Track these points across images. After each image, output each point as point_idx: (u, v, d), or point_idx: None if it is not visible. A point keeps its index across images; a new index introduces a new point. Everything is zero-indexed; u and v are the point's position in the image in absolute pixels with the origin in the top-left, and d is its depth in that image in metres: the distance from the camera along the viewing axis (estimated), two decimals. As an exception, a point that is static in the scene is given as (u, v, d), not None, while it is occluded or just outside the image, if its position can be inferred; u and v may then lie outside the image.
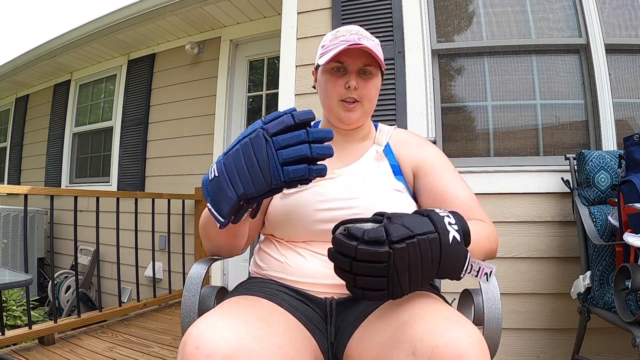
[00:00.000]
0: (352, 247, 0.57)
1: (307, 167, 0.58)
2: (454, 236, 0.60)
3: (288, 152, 0.58)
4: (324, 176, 0.61)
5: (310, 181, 0.61)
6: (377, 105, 0.93)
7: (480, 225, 0.79)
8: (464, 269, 0.61)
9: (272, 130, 0.58)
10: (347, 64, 0.85)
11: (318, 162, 0.61)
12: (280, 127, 0.58)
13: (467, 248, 0.63)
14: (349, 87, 0.85)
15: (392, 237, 0.56)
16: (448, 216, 0.62)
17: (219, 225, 0.64)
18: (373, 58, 0.85)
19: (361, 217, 0.63)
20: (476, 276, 0.63)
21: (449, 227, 0.60)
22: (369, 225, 0.60)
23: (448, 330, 0.55)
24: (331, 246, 0.61)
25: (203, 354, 0.53)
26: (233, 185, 0.60)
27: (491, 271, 0.63)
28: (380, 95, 0.92)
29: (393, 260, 0.56)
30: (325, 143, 0.72)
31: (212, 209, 0.64)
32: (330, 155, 0.60)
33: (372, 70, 0.87)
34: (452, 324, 0.56)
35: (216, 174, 0.63)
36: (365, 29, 0.92)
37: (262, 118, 0.63)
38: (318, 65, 0.91)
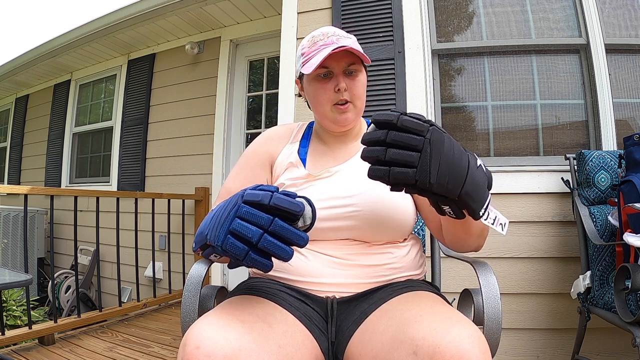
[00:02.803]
0: (394, 115, 0.56)
1: (246, 251, 0.55)
2: (480, 164, 0.61)
3: (239, 225, 0.55)
4: (265, 271, 0.58)
5: (244, 264, 0.57)
6: (377, 105, 0.93)
7: None
8: (485, 207, 0.60)
9: (245, 197, 0.57)
10: (331, 68, 0.85)
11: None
12: (253, 199, 0.56)
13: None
14: (338, 89, 0.85)
15: (431, 122, 0.58)
16: (476, 157, 0.63)
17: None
18: (355, 56, 0.85)
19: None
20: (492, 224, 0.63)
21: (476, 157, 0.62)
22: None
23: (449, 330, 0.55)
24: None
25: (203, 354, 0.53)
26: (210, 224, 0.61)
27: (506, 223, 0.64)
28: (380, 95, 0.93)
29: (431, 138, 0.56)
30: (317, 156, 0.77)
31: (196, 234, 0.66)
32: (282, 259, 0.56)
33: (357, 67, 0.87)
34: (454, 324, 0.56)
35: (213, 209, 0.66)
36: (365, 29, 0.93)
37: (265, 185, 0.61)
38: (302, 75, 0.90)
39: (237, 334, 0.57)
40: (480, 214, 0.60)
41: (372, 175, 0.58)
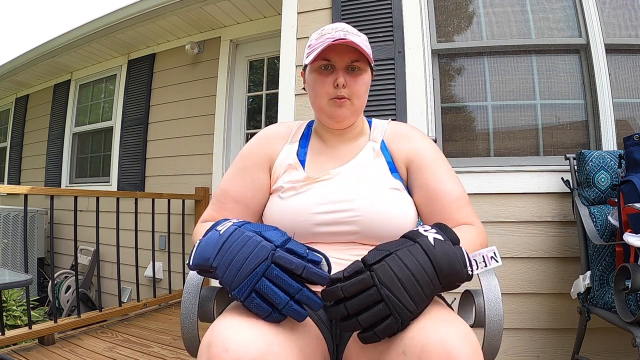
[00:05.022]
0: (337, 289, 0.58)
1: (269, 312, 0.57)
2: (434, 237, 0.60)
3: (268, 288, 0.56)
4: (276, 322, 0.60)
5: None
6: (377, 105, 0.93)
7: (470, 232, 0.78)
8: (468, 266, 0.61)
9: (277, 260, 0.57)
10: (334, 61, 0.83)
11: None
12: (285, 264, 0.57)
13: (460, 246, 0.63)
14: (337, 85, 0.83)
15: (368, 262, 0.58)
16: (422, 226, 0.64)
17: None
18: (360, 54, 0.83)
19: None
20: (485, 267, 0.63)
21: (425, 233, 0.61)
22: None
23: (437, 329, 0.54)
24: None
25: (232, 357, 0.52)
26: (218, 254, 0.60)
27: (494, 252, 0.63)
28: (380, 95, 0.91)
29: (379, 280, 0.56)
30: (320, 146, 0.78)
31: (194, 248, 0.65)
32: (296, 320, 0.59)
33: (361, 65, 0.84)
34: (441, 322, 0.56)
35: (221, 232, 0.63)
36: (365, 29, 0.92)
37: (289, 238, 0.61)
38: (306, 66, 0.89)
39: (264, 337, 0.56)
40: (470, 274, 0.61)
41: (365, 343, 0.59)
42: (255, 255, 0.58)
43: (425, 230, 0.62)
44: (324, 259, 0.62)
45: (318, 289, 0.61)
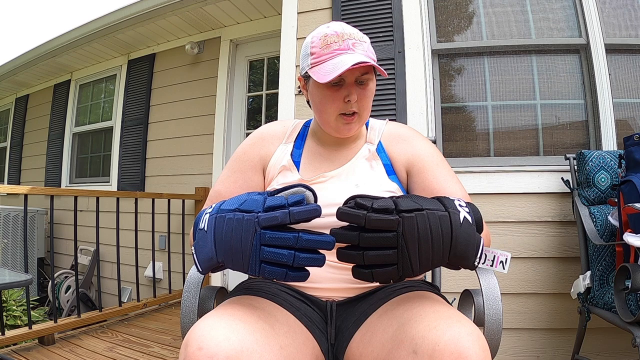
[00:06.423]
0: (361, 215, 0.56)
1: (285, 272, 0.57)
2: (464, 217, 0.59)
3: (270, 253, 0.57)
4: (304, 280, 0.60)
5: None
6: (377, 105, 0.92)
7: (485, 229, 0.78)
8: (478, 256, 0.60)
9: (262, 223, 0.57)
10: (344, 76, 0.80)
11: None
12: (272, 223, 0.57)
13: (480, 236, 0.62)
14: (348, 100, 0.81)
15: (400, 207, 0.57)
16: (459, 200, 0.62)
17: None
18: (370, 65, 0.81)
19: (368, 195, 0.62)
20: (491, 265, 0.62)
21: (459, 208, 0.60)
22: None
23: (448, 329, 0.55)
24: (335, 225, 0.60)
25: (206, 355, 0.53)
26: (217, 250, 0.61)
27: (507, 259, 0.63)
28: (380, 95, 0.91)
29: (402, 230, 0.56)
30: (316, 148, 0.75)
31: (194, 255, 0.65)
32: (317, 266, 0.59)
33: (369, 77, 0.83)
34: (453, 322, 0.56)
35: (205, 229, 0.63)
36: (365, 29, 0.91)
37: (267, 196, 0.61)
38: (308, 74, 0.83)
39: (239, 334, 0.57)
40: (475, 264, 0.61)
41: (356, 277, 0.60)
42: (245, 232, 0.58)
43: (459, 205, 0.61)
44: (305, 193, 0.61)
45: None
